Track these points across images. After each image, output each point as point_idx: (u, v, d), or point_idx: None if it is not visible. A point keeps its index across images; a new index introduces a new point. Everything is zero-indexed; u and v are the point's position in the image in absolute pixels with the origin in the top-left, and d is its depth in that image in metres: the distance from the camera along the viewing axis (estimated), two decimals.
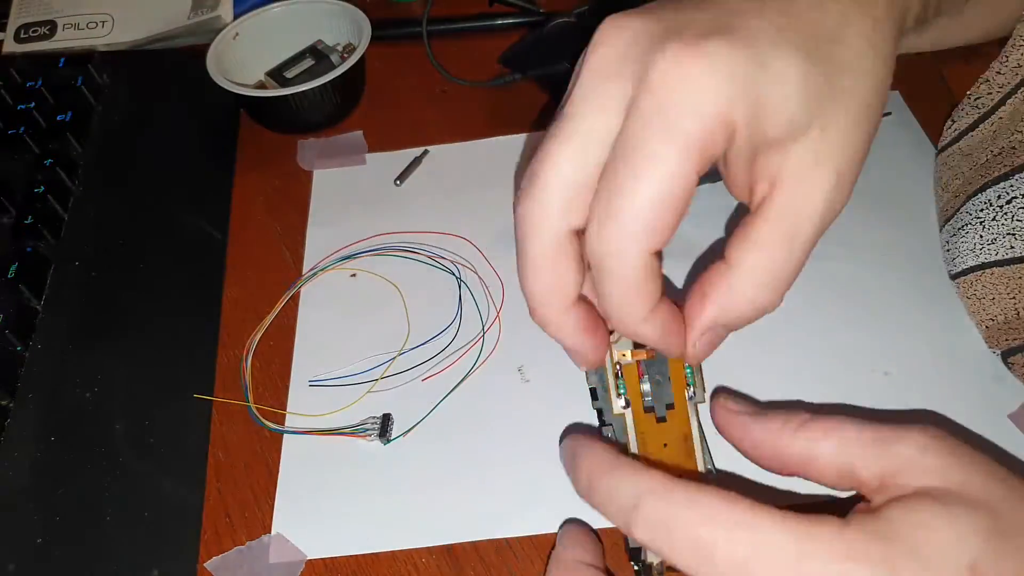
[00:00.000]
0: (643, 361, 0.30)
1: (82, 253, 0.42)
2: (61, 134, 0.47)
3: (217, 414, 0.39)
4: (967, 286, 0.37)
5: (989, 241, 0.35)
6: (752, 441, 0.27)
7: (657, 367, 0.30)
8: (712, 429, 0.31)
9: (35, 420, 0.36)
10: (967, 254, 0.36)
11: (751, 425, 0.27)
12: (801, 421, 0.25)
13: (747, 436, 0.27)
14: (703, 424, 0.30)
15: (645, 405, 0.30)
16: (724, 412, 0.28)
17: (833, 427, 0.25)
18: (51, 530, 0.33)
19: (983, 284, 0.36)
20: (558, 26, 0.50)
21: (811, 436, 0.25)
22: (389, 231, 0.45)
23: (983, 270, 0.36)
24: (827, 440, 0.25)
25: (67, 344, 0.39)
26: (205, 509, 0.35)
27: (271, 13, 0.53)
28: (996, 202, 0.35)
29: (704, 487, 0.23)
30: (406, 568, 0.33)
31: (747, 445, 0.27)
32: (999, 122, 0.38)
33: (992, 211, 0.35)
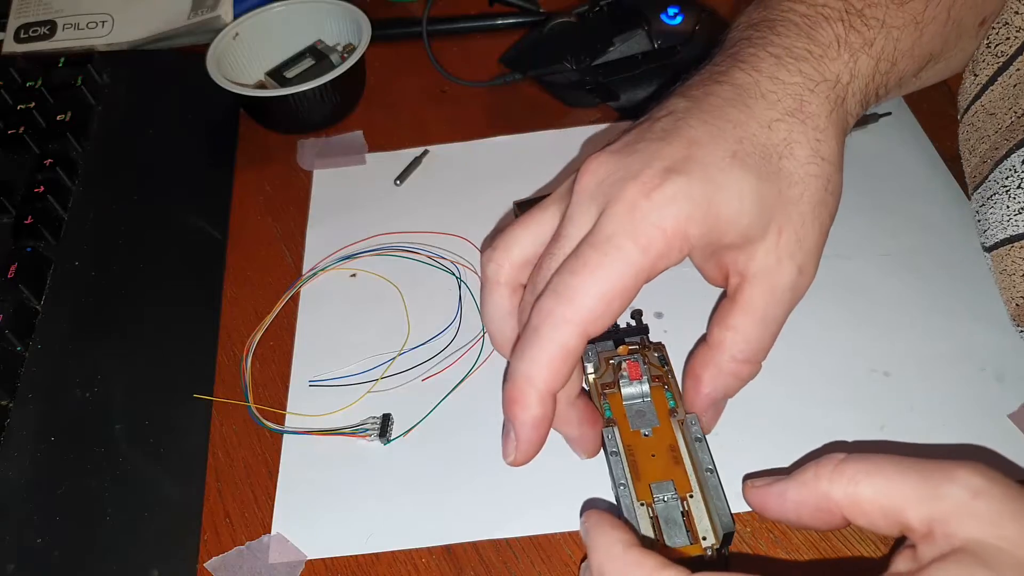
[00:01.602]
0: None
1: (82, 253, 0.42)
2: (61, 134, 0.47)
3: (217, 414, 0.39)
4: (998, 260, 0.35)
5: (1016, 211, 0.34)
6: (794, 504, 0.26)
7: (638, 396, 0.34)
8: (711, 439, 0.32)
9: (35, 420, 0.36)
10: (996, 226, 0.35)
11: (787, 490, 0.26)
12: (835, 463, 0.25)
13: (787, 502, 0.26)
14: (701, 430, 0.32)
15: (632, 427, 0.33)
16: (756, 492, 0.28)
17: (873, 467, 0.24)
18: (51, 530, 0.33)
19: (1012, 259, 0.35)
20: (558, 26, 0.50)
21: (851, 478, 0.24)
22: (389, 231, 0.45)
23: (1012, 243, 0.34)
24: (869, 481, 0.24)
25: (67, 344, 0.39)
26: (205, 509, 0.35)
27: (271, 13, 0.53)
28: (1020, 168, 0.34)
29: (668, 566, 0.23)
30: (406, 568, 0.33)
31: (791, 512, 0.26)
32: (1018, 74, 0.36)
33: (1017, 178, 0.34)
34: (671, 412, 0.33)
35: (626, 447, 0.32)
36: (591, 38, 0.48)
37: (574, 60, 0.47)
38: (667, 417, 0.33)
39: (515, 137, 0.49)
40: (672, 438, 0.32)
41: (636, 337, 0.37)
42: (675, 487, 0.31)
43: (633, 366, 0.34)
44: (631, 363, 0.34)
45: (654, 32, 0.47)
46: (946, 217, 0.41)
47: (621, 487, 0.30)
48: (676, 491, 0.30)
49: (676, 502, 0.30)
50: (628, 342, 0.36)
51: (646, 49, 0.47)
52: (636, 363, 0.34)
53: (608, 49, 0.47)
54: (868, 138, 0.45)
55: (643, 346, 0.36)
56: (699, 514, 0.30)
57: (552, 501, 0.34)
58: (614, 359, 0.35)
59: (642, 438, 0.32)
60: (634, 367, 0.34)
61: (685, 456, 0.32)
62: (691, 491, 0.30)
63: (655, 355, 0.35)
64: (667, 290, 0.40)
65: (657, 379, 0.34)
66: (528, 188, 0.45)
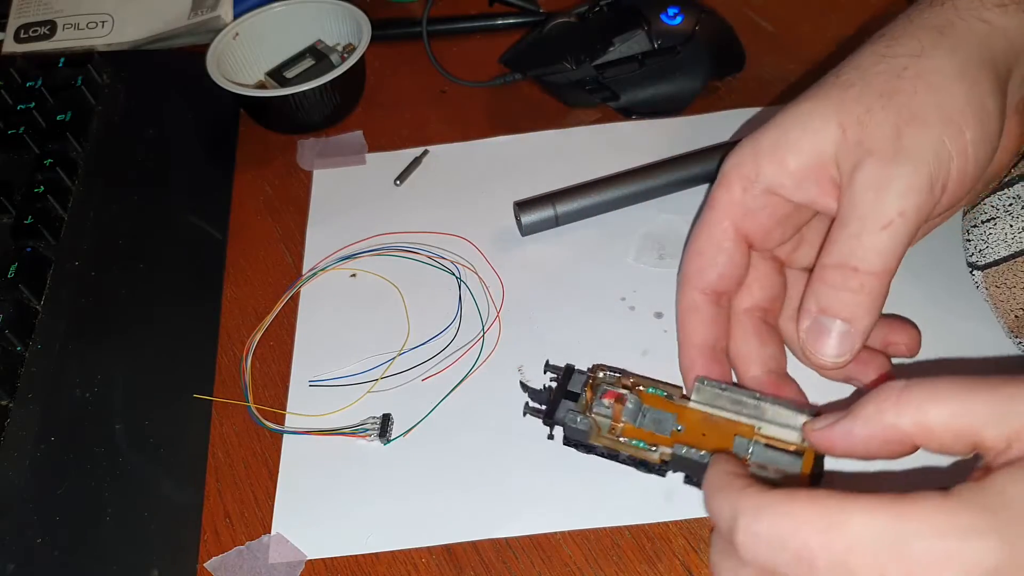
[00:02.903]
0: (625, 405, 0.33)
1: (82, 253, 0.42)
2: (61, 134, 0.47)
3: (217, 414, 0.39)
4: (997, 276, 0.36)
5: (1020, 229, 0.35)
6: (862, 440, 0.25)
7: (637, 409, 0.33)
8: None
9: (35, 420, 0.36)
10: (998, 244, 0.35)
11: (852, 428, 0.26)
12: (896, 394, 0.24)
13: (854, 439, 0.26)
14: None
15: (666, 433, 0.32)
16: (820, 435, 0.27)
17: (939, 392, 0.24)
18: (51, 530, 0.33)
19: (1015, 273, 0.35)
20: (558, 26, 0.50)
21: (918, 407, 0.24)
22: (389, 231, 0.45)
23: (1016, 258, 0.35)
24: (938, 408, 0.23)
25: (67, 344, 0.39)
26: (205, 509, 0.35)
27: (271, 13, 0.53)
28: None
29: (793, 494, 0.23)
30: (406, 568, 0.33)
31: (859, 449, 0.26)
32: None
33: (1022, 202, 0.35)
34: (673, 398, 0.33)
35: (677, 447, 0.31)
36: (591, 38, 0.48)
37: (574, 60, 0.47)
38: (677, 405, 0.33)
39: (515, 137, 0.49)
40: (698, 414, 0.32)
41: (580, 382, 0.34)
42: (744, 437, 0.31)
43: (608, 395, 0.33)
44: (606, 395, 0.33)
45: (654, 32, 0.47)
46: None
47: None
48: (748, 439, 0.31)
49: (757, 445, 0.31)
50: (573, 392, 0.34)
51: (646, 49, 0.47)
52: (609, 392, 0.33)
53: (608, 49, 0.47)
54: None
55: (592, 380, 0.34)
56: (778, 432, 0.31)
57: (552, 501, 0.34)
58: (594, 410, 0.33)
59: (680, 434, 0.32)
60: (608, 395, 0.33)
61: (723, 414, 0.32)
62: (756, 428, 0.31)
63: (602, 375, 0.34)
64: (667, 290, 0.40)
65: (627, 387, 0.34)
66: (528, 188, 0.45)
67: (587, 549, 0.33)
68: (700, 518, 0.33)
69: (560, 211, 0.43)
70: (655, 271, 0.41)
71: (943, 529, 0.20)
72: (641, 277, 0.41)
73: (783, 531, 0.22)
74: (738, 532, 0.23)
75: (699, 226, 0.34)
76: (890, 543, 0.21)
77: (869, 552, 0.21)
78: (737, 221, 0.33)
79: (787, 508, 0.23)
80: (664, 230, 0.43)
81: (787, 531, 0.22)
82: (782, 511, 0.23)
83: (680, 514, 0.33)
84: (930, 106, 0.29)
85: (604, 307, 0.40)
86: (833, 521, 0.22)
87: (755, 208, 0.32)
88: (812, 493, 0.22)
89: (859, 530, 0.21)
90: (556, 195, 0.43)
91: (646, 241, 0.43)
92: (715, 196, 0.33)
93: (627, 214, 0.44)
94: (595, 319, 0.40)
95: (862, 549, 0.21)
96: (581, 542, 0.33)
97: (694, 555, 0.32)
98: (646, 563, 0.32)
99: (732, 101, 0.49)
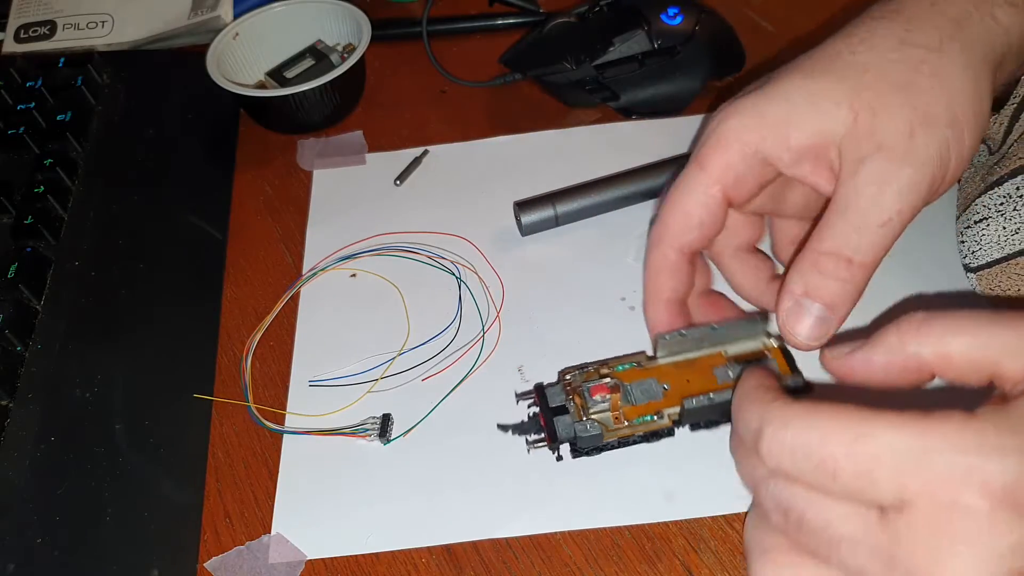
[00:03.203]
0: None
1: (82, 253, 0.42)
2: (61, 134, 0.47)
3: (217, 414, 0.39)
4: (991, 278, 0.36)
5: (1012, 232, 0.35)
6: (881, 368, 0.26)
7: (627, 390, 0.34)
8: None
9: (35, 420, 0.36)
10: (991, 246, 0.36)
11: (871, 356, 0.26)
12: (918, 324, 0.25)
13: (873, 367, 0.26)
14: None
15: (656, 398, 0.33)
16: (838, 362, 0.28)
17: (961, 323, 0.24)
18: (51, 530, 0.33)
19: (1008, 275, 0.35)
20: (558, 26, 0.50)
21: (939, 336, 0.24)
22: (389, 231, 0.45)
23: (1008, 261, 0.35)
24: (958, 336, 0.24)
25: (67, 344, 0.39)
26: (205, 509, 0.35)
27: (271, 13, 0.53)
28: (1016, 194, 0.35)
29: (819, 407, 0.23)
30: (406, 568, 0.33)
31: (878, 376, 0.26)
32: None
33: (1012, 203, 0.35)
34: (643, 365, 0.34)
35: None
36: (591, 38, 0.48)
37: (574, 60, 0.47)
38: (652, 368, 0.34)
39: (515, 137, 0.49)
40: (671, 366, 0.34)
41: (557, 393, 0.34)
42: (719, 366, 0.33)
43: (596, 391, 0.33)
44: (595, 392, 0.33)
45: (654, 32, 0.47)
46: (946, 219, 0.41)
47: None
48: (723, 364, 0.33)
49: (732, 366, 0.33)
50: (558, 407, 0.34)
51: (646, 49, 0.47)
52: (596, 388, 0.33)
53: (608, 49, 0.47)
54: None
55: (568, 387, 0.34)
56: (743, 347, 0.34)
57: (552, 501, 0.34)
58: (592, 412, 0.33)
59: (670, 391, 0.33)
60: (597, 391, 0.33)
61: (692, 355, 0.34)
62: (723, 353, 0.34)
63: (571, 376, 0.34)
64: None
65: (604, 375, 0.34)
66: (528, 188, 0.45)
67: (587, 549, 0.33)
68: (700, 518, 0.33)
69: (560, 211, 0.43)
70: None
71: (965, 446, 0.21)
72: (641, 277, 0.41)
73: (809, 441, 0.23)
74: (764, 440, 0.24)
75: (688, 184, 0.33)
76: (913, 457, 0.21)
77: (891, 464, 0.21)
78: (727, 186, 0.32)
79: (814, 420, 0.23)
80: None
81: (813, 441, 0.23)
82: (808, 422, 0.23)
83: (680, 514, 0.33)
84: (942, 107, 0.29)
85: (604, 307, 0.40)
86: (859, 433, 0.22)
87: (745, 174, 0.32)
88: (838, 407, 0.23)
89: (883, 443, 0.22)
90: (556, 195, 0.43)
91: (646, 241, 0.43)
92: (709, 157, 0.32)
93: (627, 214, 0.44)
94: (595, 319, 0.40)
95: (885, 461, 0.22)
96: (581, 542, 0.33)
97: (694, 555, 0.32)
98: (646, 563, 0.32)
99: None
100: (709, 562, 0.32)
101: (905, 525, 0.21)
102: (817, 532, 0.23)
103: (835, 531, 0.23)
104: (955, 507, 0.21)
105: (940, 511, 0.21)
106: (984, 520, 0.21)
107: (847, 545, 0.23)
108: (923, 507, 0.21)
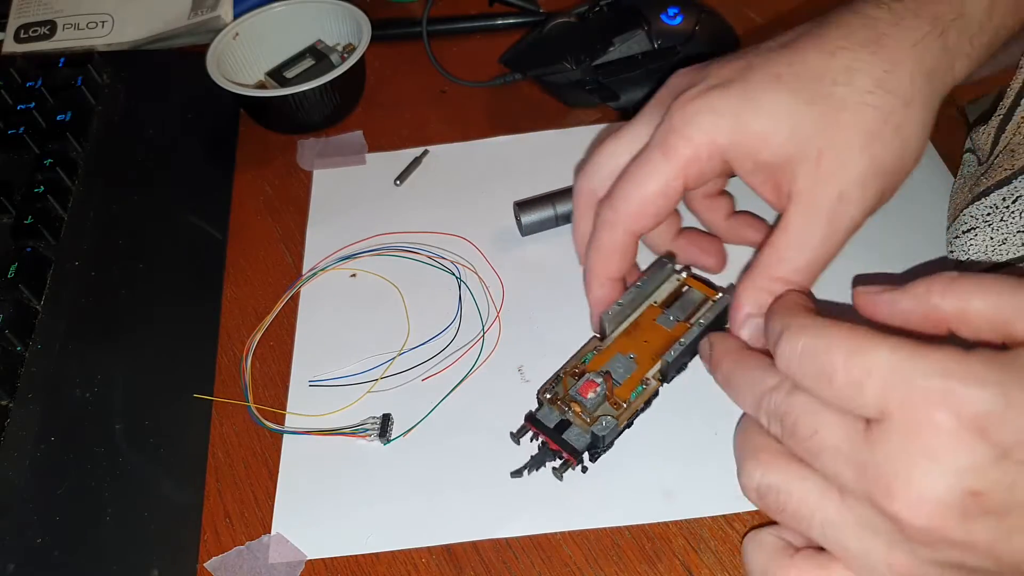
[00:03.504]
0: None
1: (82, 253, 0.42)
2: (61, 134, 0.47)
3: (217, 414, 0.39)
4: None
5: (999, 242, 0.35)
6: (903, 313, 0.27)
7: (608, 374, 0.35)
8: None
9: (35, 420, 0.36)
10: (978, 256, 0.36)
11: (898, 300, 0.27)
12: (949, 280, 0.26)
13: (896, 310, 0.27)
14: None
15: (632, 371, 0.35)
16: (867, 298, 0.28)
17: (986, 285, 0.25)
18: (51, 530, 0.33)
19: None
20: (558, 26, 0.50)
21: (963, 293, 0.25)
22: (389, 231, 0.45)
23: (995, 271, 0.35)
24: (981, 295, 0.25)
25: (67, 344, 0.39)
26: (205, 509, 0.35)
27: (271, 13, 0.53)
28: (1002, 204, 0.35)
29: (835, 322, 0.25)
30: (406, 568, 0.33)
31: (898, 319, 0.27)
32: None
33: (999, 213, 0.35)
34: (601, 348, 0.36)
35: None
36: (591, 38, 0.48)
37: (574, 60, 0.47)
38: (610, 347, 0.36)
39: (515, 137, 0.49)
40: (623, 336, 0.36)
41: (549, 414, 0.34)
42: (660, 315, 0.36)
43: (585, 390, 0.34)
44: (584, 391, 0.33)
45: (654, 32, 0.47)
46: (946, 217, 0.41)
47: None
48: (661, 313, 0.37)
49: (670, 310, 0.37)
50: (561, 423, 0.34)
51: (646, 49, 0.47)
52: (584, 387, 0.34)
53: (608, 49, 0.47)
54: None
55: (558, 400, 0.34)
56: (667, 288, 0.37)
57: (552, 501, 0.34)
58: (596, 412, 0.34)
59: (639, 358, 0.35)
60: (586, 389, 0.34)
61: (633, 317, 0.36)
62: (655, 304, 0.37)
63: (554, 390, 0.35)
64: None
65: (577, 375, 0.35)
66: (528, 188, 0.45)
67: (587, 549, 0.33)
68: (700, 518, 0.33)
69: (560, 211, 0.43)
70: None
71: (951, 371, 0.22)
72: None
73: (816, 346, 0.25)
74: (779, 344, 0.26)
75: (650, 171, 0.33)
76: (901, 373, 0.23)
77: (880, 377, 0.23)
78: (689, 178, 0.33)
79: (827, 331, 0.25)
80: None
81: (820, 347, 0.25)
82: (821, 332, 0.25)
83: (680, 514, 0.33)
84: (894, 160, 0.31)
85: None
86: (859, 347, 0.24)
87: (707, 170, 0.33)
88: (852, 325, 0.25)
89: (878, 358, 0.23)
90: (556, 195, 0.43)
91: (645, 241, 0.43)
92: (676, 148, 0.32)
93: None
94: None
95: (875, 374, 0.23)
96: (581, 542, 0.33)
97: (694, 555, 0.32)
98: (646, 563, 0.32)
99: None
100: (709, 562, 0.32)
101: (880, 435, 0.23)
102: (806, 439, 0.25)
103: (821, 439, 0.25)
104: (927, 423, 0.22)
105: (913, 426, 0.22)
106: (950, 439, 0.22)
107: (829, 452, 0.25)
108: (899, 420, 0.23)
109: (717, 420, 0.35)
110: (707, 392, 0.36)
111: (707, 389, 0.36)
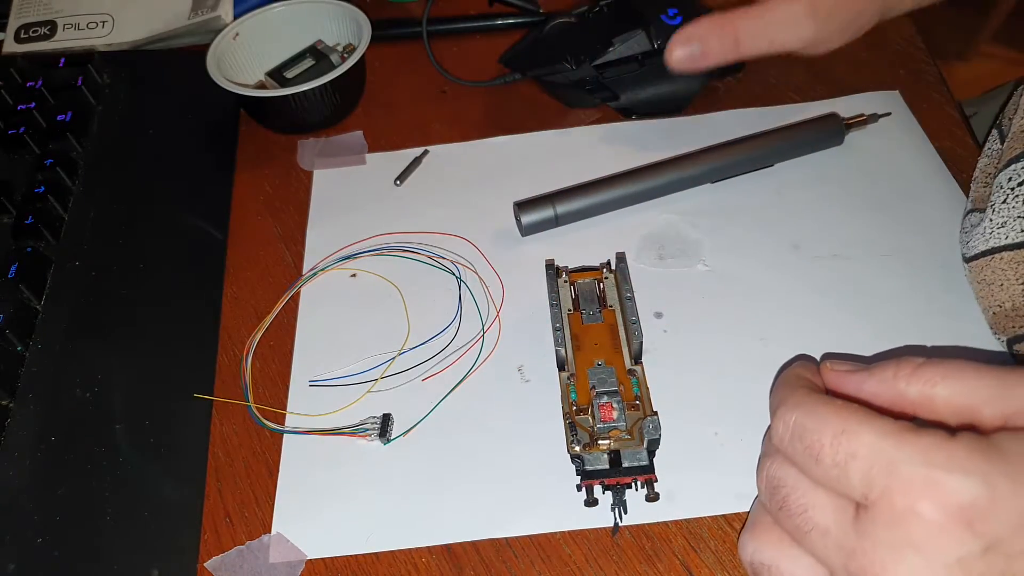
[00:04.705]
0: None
1: (82, 253, 0.42)
2: (61, 134, 0.47)
3: (217, 414, 0.39)
4: (977, 271, 0.36)
5: (999, 225, 0.35)
6: (869, 395, 0.28)
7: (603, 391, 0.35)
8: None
9: (35, 420, 0.36)
10: (978, 238, 0.36)
11: (865, 382, 0.28)
12: (915, 366, 0.26)
13: (862, 392, 0.28)
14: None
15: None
16: (834, 376, 0.29)
17: (951, 371, 0.25)
18: (51, 530, 0.33)
19: (992, 269, 0.36)
20: (558, 26, 0.50)
21: (929, 380, 0.26)
22: (389, 231, 0.45)
23: (993, 254, 0.35)
24: (945, 383, 0.25)
25: (67, 344, 0.39)
26: (205, 509, 0.35)
27: (271, 13, 0.53)
28: (1007, 184, 0.35)
29: (833, 400, 0.26)
30: (406, 568, 0.33)
31: (864, 399, 0.28)
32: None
33: (1003, 193, 0.35)
34: (575, 375, 0.36)
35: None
36: (591, 38, 0.48)
37: (574, 60, 0.47)
38: (577, 374, 0.36)
39: (515, 137, 0.49)
40: (575, 355, 0.37)
41: (598, 461, 0.34)
42: (581, 312, 0.38)
43: (605, 414, 0.34)
44: (605, 415, 0.34)
45: (654, 32, 0.47)
46: (946, 217, 0.41)
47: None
48: (583, 308, 0.39)
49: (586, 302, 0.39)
50: (613, 457, 0.34)
51: (646, 49, 0.47)
52: (604, 411, 0.34)
53: (608, 49, 0.47)
54: (868, 138, 0.45)
55: (595, 437, 0.34)
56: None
57: (552, 501, 0.34)
58: (626, 425, 0.34)
59: (606, 359, 0.36)
60: (605, 413, 0.34)
61: (568, 333, 0.38)
62: (571, 310, 0.39)
63: (583, 426, 0.34)
64: (667, 290, 0.40)
65: (583, 409, 0.35)
66: (528, 188, 0.45)
67: (587, 549, 0.33)
68: (700, 518, 0.33)
69: (560, 211, 0.43)
70: (655, 271, 0.41)
71: (934, 459, 0.22)
72: (641, 277, 0.41)
73: (807, 424, 0.25)
74: (774, 419, 0.27)
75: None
76: (885, 459, 0.23)
77: (865, 461, 0.23)
78: None
79: (820, 408, 0.25)
80: (664, 230, 0.43)
81: (810, 425, 0.25)
82: (814, 409, 0.25)
83: (680, 514, 0.33)
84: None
85: None
86: (847, 429, 0.24)
87: None
88: (844, 404, 0.25)
89: (864, 441, 0.23)
90: (556, 195, 0.43)
91: (646, 241, 0.43)
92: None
93: (627, 214, 0.44)
94: None
95: (860, 457, 0.23)
96: (581, 542, 0.33)
97: (694, 555, 0.32)
98: (646, 563, 0.32)
99: (731, 101, 0.49)
100: (709, 561, 0.32)
101: (867, 521, 0.23)
102: (795, 516, 0.25)
103: (810, 518, 0.25)
104: (911, 513, 0.22)
105: (898, 515, 0.22)
106: (936, 531, 0.22)
107: (819, 533, 0.24)
108: (884, 508, 0.23)
109: (717, 420, 0.35)
110: (707, 392, 0.37)
111: (707, 389, 0.37)
